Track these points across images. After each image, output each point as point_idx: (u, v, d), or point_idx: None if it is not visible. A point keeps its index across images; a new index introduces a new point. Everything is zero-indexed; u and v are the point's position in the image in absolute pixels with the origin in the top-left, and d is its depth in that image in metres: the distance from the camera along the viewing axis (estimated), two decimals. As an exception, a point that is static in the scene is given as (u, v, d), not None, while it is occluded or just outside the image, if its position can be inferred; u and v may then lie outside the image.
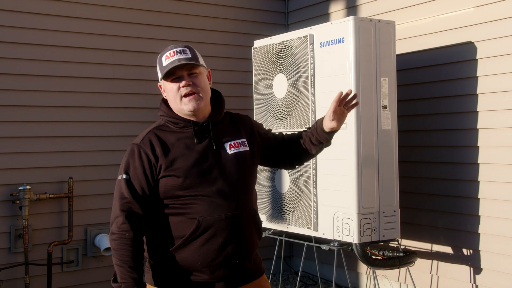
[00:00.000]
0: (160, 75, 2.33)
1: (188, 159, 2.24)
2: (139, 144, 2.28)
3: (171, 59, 2.26)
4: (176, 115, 2.33)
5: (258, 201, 2.81)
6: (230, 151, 2.32)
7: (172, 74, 2.27)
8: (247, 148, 2.37)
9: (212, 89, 2.41)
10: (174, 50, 2.28)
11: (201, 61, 2.33)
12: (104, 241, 4.79)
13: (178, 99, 2.27)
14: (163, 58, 2.29)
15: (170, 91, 2.29)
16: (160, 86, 2.38)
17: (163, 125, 2.35)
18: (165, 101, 2.40)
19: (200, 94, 2.28)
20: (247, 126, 2.45)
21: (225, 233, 2.22)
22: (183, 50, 2.28)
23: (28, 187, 4.49)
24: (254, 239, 2.35)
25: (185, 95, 2.26)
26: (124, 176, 2.25)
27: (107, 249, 4.77)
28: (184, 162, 2.23)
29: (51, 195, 4.63)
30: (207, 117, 2.34)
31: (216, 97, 2.43)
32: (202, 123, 2.31)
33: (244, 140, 2.38)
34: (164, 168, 2.23)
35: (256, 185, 2.49)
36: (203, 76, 2.31)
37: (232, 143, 2.34)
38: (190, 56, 2.27)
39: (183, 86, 2.26)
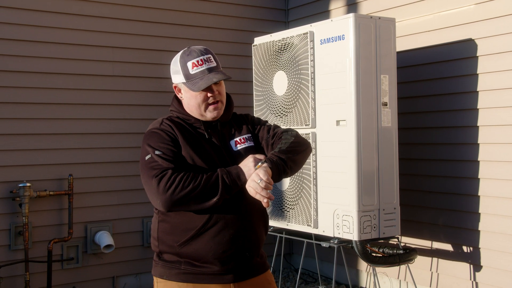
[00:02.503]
0: (180, 79, 2.32)
1: (199, 151, 2.28)
2: (159, 127, 2.31)
3: (200, 69, 2.28)
4: (187, 113, 2.37)
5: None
6: (236, 147, 2.38)
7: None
8: (252, 144, 2.42)
9: None
10: (201, 58, 2.30)
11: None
12: (104, 238, 4.79)
13: (203, 107, 2.31)
14: (189, 65, 2.29)
15: (194, 98, 2.31)
16: (175, 87, 2.39)
17: (175, 117, 2.39)
18: (177, 97, 2.42)
19: (223, 102, 2.35)
20: (249, 123, 2.49)
21: (236, 226, 2.27)
22: (208, 58, 2.31)
23: (28, 184, 4.48)
24: (262, 233, 2.40)
25: (211, 103, 2.31)
26: (156, 152, 2.21)
27: (107, 246, 4.77)
28: (196, 153, 2.27)
29: (51, 192, 4.63)
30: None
31: (226, 99, 2.46)
32: (211, 122, 2.37)
33: (250, 135, 2.44)
34: (182, 151, 2.26)
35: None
36: (223, 83, 2.37)
37: (237, 140, 2.40)
38: (215, 64, 2.32)
39: (211, 96, 2.30)
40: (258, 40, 4.77)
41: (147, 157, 2.21)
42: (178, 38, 5.28)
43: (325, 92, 4.13)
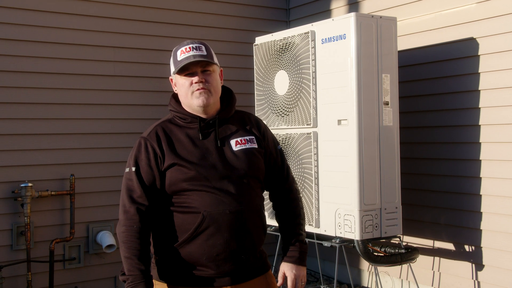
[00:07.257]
0: (173, 69, 2.36)
1: (193, 154, 2.27)
2: (146, 137, 2.33)
3: (186, 55, 2.29)
4: (184, 111, 2.36)
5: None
6: (236, 147, 2.34)
7: (186, 69, 2.30)
8: (255, 146, 2.37)
9: (224, 87, 2.45)
10: (190, 46, 2.31)
11: (215, 59, 2.37)
12: (105, 238, 4.79)
13: (189, 94, 2.31)
14: (178, 52, 2.32)
15: (182, 86, 2.32)
16: (171, 80, 2.41)
17: (171, 119, 2.39)
18: (174, 96, 2.43)
19: (211, 91, 2.32)
20: (255, 127, 2.44)
21: (230, 228, 2.23)
22: (198, 46, 2.32)
23: (30, 184, 4.49)
24: (259, 234, 2.36)
25: (196, 90, 2.30)
26: (133, 168, 2.29)
27: (109, 246, 4.77)
28: (189, 156, 2.26)
29: (52, 192, 4.64)
30: (215, 114, 2.36)
31: (227, 95, 2.45)
32: (209, 120, 2.34)
33: (253, 137, 2.39)
34: (169, 161, 2.26)
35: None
36: (215, 74, 2.36)
37: (238, 140, 2.35)
38: (205, 53, 2.32)
39: (195, 82, 2.30)
40: (259, 40, 4.77)
41: (127, 170, 2.30)
42: (179, 37, 5.28)
43: (326, 91, 4.13)
